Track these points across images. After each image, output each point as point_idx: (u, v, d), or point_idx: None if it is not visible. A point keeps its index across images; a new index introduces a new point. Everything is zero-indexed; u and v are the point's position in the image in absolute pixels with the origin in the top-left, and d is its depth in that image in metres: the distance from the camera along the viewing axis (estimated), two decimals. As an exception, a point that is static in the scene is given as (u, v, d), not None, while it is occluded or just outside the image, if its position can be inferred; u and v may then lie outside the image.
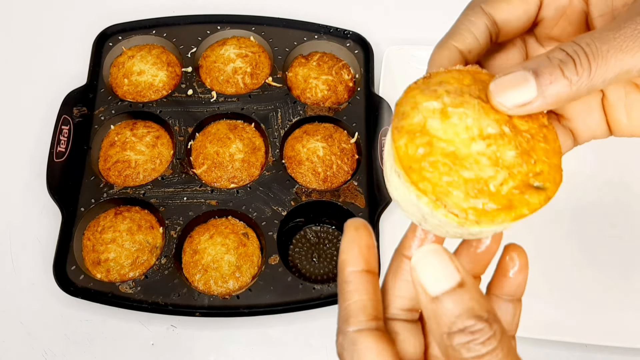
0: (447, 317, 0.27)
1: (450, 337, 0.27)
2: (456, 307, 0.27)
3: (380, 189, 0.72)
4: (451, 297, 0.27)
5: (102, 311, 0.67)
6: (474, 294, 0.27)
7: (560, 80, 0.29)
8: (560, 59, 0.29)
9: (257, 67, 0.81)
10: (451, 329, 0.27)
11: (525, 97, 0.30)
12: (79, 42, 0.86)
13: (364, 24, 0.86)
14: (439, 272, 0.28)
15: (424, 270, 0.28)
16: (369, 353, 0.30)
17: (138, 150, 0.74)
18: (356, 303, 0.31)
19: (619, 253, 0.71)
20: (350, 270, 0.32)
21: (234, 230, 0.70)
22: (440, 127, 0.30)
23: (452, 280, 0.28)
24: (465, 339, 0.26)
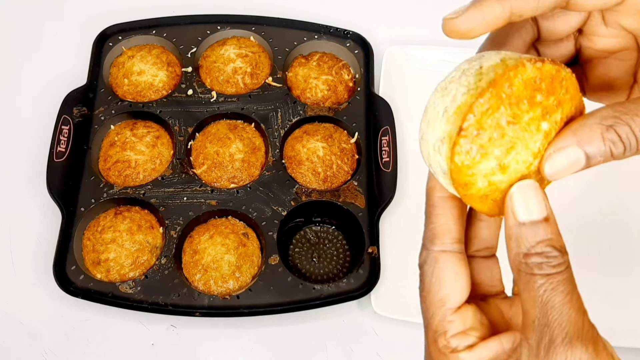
0: (528, 241, 0.31)
1: (527, 257, 0.31)
2: (538, 235, 0.31)
3: (380, 189, 0.72)
4: (536, 225, 0.31)
5: (102, 311, 0.67)
6: (555, 229, 0.32)
7: (608, 158, 0.32)
8: (612, 142, 0.31)
9: (257, 67, 0.81)
10: (529, 250, 0.31)
11: (573, 171, 0.33)
12: (79, 42, 0.86)
13: (364, 23, 0.86)
14: (531, 203, 0.32)
15: (519, 199, 0.32)
16: (447, 272, 0.34)
17: (138, 150, 0.74)
18: (442, 226, 0.35)
19: (619, 253, 0.71)
20: (438, 196, 0.35)
21: (234, 230, 0.70)
22: (503, 178, 0.33)
23: (541, 214, 0.32)
24: (539, 260, 0.31)
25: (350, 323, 0.69)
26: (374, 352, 0.67)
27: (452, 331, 0.34)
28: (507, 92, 0.30)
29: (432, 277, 0.35)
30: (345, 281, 0.67)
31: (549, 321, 0.30)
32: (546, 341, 0.30)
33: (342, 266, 0.71)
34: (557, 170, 0.32)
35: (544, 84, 0.31)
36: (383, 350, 0.67)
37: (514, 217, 0.32)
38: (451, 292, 0.34)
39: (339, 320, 0.69)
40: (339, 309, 0.68)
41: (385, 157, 0.73)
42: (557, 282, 0.31)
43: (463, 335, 0.34)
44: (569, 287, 0.31)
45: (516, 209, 0.32)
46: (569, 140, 0.32)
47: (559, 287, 0.31)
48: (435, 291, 0.35)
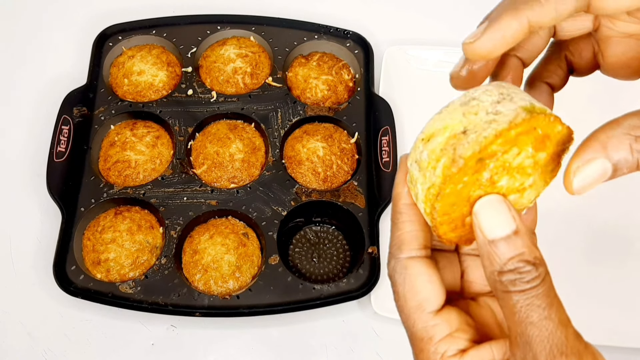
0: (500, 259, 0.31)
1: (500, 275, 0.31)
2: (509, 251, 0.30)
3: (380, 188, 0.72)
4: (506, 242, 0.31)
5: (102, 311, 0.67)
6: (526, 241, 0.31)
7: (633, 170, 0.31)
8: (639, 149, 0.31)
9: (257, 67, 0.81)
10: (502, 268, 0.30)
11: (599, 183, 0.32)
12: (79, 42, 0.86)
13: (364, 24, 0.86)
14: (498, 219, 0.31)
15: (485, 216, 0.31)
16: (420, 277, 0.34)
17: (138, 150, 0.74)
18: (409, 233, 0.35)
19: (619, 253, 0.71)
20: (403, 203, 0.35)
21: (234, 230, 0.70)
22: None
23: (509, 228, 0.31)
24: (513, 277, 0.30)
25: (350, 323, 0.69)
26: (374, 352, 0.67)
27: (438, 335, 0.33)
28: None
29: (404, 285, 0.34)
30: (345, 281, 0.67)
31: (529, 338, 0.30)
32: (530, 358, 0.30)
33: (342, 266, 0.71)
34: (585, 183, 0.31)
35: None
36: (383, 350, 0.67)
37: (482, 235, 0.31)
38: (428, 295, 0.34)
39: (339, 320, 0.69)
40: (339, 309, 0.68)
41: (385, 157, 0.73)
42: (532, 297, 0.30)
43: (450, 338, 0.33)
44: (546, 300, 0.30)
45: (483, 226, 0.31)
46: (597, 152, 0.31)
47: (535, 302, 0.30)
48: (410, 298, 0.34)
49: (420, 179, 0.33)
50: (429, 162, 0.32)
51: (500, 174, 0.32)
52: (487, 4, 1.00)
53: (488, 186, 0.32)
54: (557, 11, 0.31)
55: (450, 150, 0.31)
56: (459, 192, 0.32)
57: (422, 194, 0.33)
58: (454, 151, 0.31)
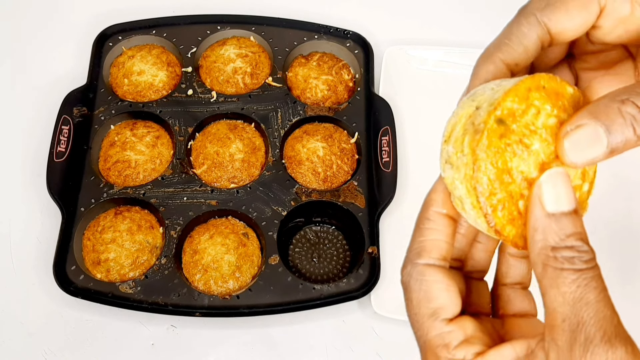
0: (558, 234, 0.29)
1: (555, 250, 0.29)
2: (568, 228, 0.29)
3: (380, 188, 0.72)
4: (566, 217, 0.30)
5: (102, 311, 0.67)
6: (583, 224, 0.30)
7: (630, 138, 0.30)
8: (632, 115, 0.29)
9: (257, 67, 0.81)
10: (559, 244, 0.29)
11: (597, 154, 0.30)
12: (79, 42, 0.86)
13: (364, 24, 0.86)
14: (561, 193, 0.30)
15: (549, 188, 0.30)
16: (437, 284, 0.32)
17: (138, 150, 0.74)
18: (432, 241, 0.33)
19: (619, 253, 0.71)
20: (434, 210, 0.34)
21: (234, 230, 0.70)
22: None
23: (570, 205, 0.30)
24: (570, 254, 0.29)
25: (350, 323, 0.69)
26: (374, 352, 0.67)
27: (454, 342, 0.31)
28: None
29: (420, 292, 0.33)
30: (345, 281, 0.67)
31: (583, 319, 0.28)
32: (582, 340, 0.28)
33: (342, 266, 0.71)
34: (578, 149, 0.30)
35: None
36: (383, 350, 0.67)
37: (542, 207, 0.30)
38: (444, 303, 0.32)
39: (339, 320, 0.69)
40: (339, 309, 0.68)
41: (385, 157, 0.73)
42: (590, 277, 0.29)
43: (467, 344, 0.31)
44: (601, 284, 0.29)
45: (545, 198, 0.30)
46: (585, 118, 0.30)
47: (591, 283, 0.29)
48: (425, 305, 0.32)
49: (455, 174, 0.31)
50: (456, 151, 0.31)
51: (529, 137, 0.30)
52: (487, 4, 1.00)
53: (523, 151, 0.30)
54: (523, 46, 0.33)
55: (470, 127, 0.31)
56: (495, 163, 0.30)
57: (463, 187, 0.31)
58: (473, 125, 0.31)
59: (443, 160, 0.33)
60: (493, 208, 0.30)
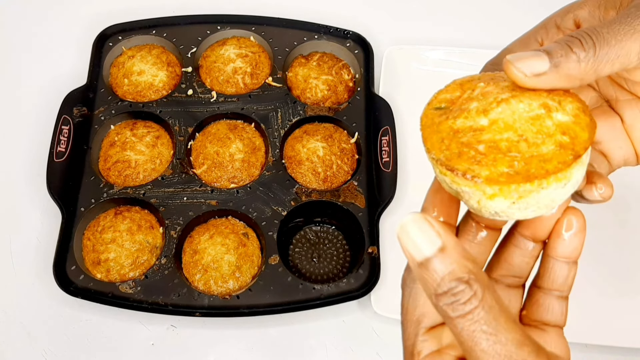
0: (433, 280, 0.29)
1: (437, 298, 0.28)
2: (439, 271, 0.28)
3: (380, 189, 0.72)
4: (434, 262, 0.29)
5: (102, 311, 0.67)
6: (455, 256, 0.29)
7: (569, 54, 0.31)
8: (567, 40, 0.32)
9: (257, 67, 0.81)
10: (437, 291, 0.28)
11: (540, 68, 0.31)
12: (79, 42, 0.86)
13: (364, 23, 0.86)
14: (420, 239, 0.29)
15: (408, 239, 0.29)
16: (423, 294, 0.33)
17: (138, 150, 0.74)
18: None
19: (619, 253, 0.71)
20: None
21: (234, 230, 0.70)
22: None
23: (433, 247, 0.29)
24: (449, 300, 0.28)
25: (350, 323, 0.69)
26: (374, 352, 0.67)
27: (425, 351, 0.32)
28: None
29: (409, 298, 0.34)
30: (345, 281, 0.67)
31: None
32: None
33: (342, 266, 0.71)
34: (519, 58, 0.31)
35: None
36: (383, 350, 0.67)
37: (412, 260, 0.30)
38: (427, 311, 0.33)
39: (339, 320, 0.69)
40: (339, 309, 0.68)
41: (385, 157, 0.73)
42: (475, 321, 0.28)
43: (437, 354, 0.32)
44: (492, 323, 0.28)
45: (409, 250, 0.30)
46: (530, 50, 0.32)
47: (479, 326, 0.28)
48: (411, 312, 0.33)
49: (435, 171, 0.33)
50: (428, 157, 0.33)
51: (467, 103, 0.33)
52: (486, 5, 1.00)
53: (463, 113, 0.32)
54: None
55: None
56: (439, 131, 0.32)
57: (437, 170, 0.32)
58: None
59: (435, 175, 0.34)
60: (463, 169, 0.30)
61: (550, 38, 0.38)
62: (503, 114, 0.31)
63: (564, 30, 0.38)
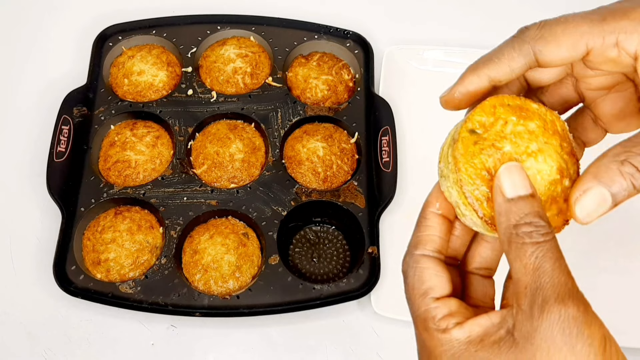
0: (517, 214, 0.34)
1: (517, 227, 0.34)
2: (526, 208, 0.34)
3: (380, 188, 0.72)
4: (524, 200, 0.34)
5: (102, 311, 0.67)
6: (540, 204, 0.35)
7: (631, 192, 0.35)
8: (631, 174, 0.34)
9: (257, 67, 0.81)
10: (519, 221, 0.34)
11: (603, 211, 0.36)
12: (79, 42, 0.86)
13: (364, 24, 0.86)
14: (517, 180, 0.35)
15: (505, 178, 0.35)
16: (428, 270, 0.37)
17: (138, 150, 0.74)
18: (427, 235, 0.39)
19: (619, 253, 0.71)
20: (430, 210, 0.39)
21: (234, 230, 0.70)
22: None
23: (526, 190, 0.35)
24: (529, 229, 0.34)
25: (350, 323, 0.69)
26: (374, 352, 0.67)
27: (439, 315, 0.36)
28: None
29: (414, 276, 0.38)
30: (345, 281, 0.67)
31: (541, 284, 0.33)
32: (539, 302, 0.32)
33: (342, 266, 0.71)
34: (588, 211, 0.35)
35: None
36: (383, 350, 0.67)
37: (502, 194, 0.35)
38: (433, 284, 0.37)
39: (339, 320, 0.69)
40: (339, 309, 0.68)
41: (385, 157, 0.73)
42: (546, 249, 0.33)
43: (450, 317, 0.36)
44: (557, 253, 0.33)
45: (504, 186, 0.35)
46: (590, 182, 0.35)
47: (548, 253, 0.33)
48: (418, 287, 0.37)
49: (447, 182, 0.38)
50: (445, 164, 0.38)
51: (500, 141, 0.37)
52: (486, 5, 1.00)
53: (495, 152, 0.37)
54: (510, 68, 0.37)
55: (451, 141, 0.38)
56: (472, 164, 0.36)
57: (454, 191, 0.37)
58: (452, 139, 0.37)
59: (439, 177, 0.39)
60: (479, 202, 0.36)
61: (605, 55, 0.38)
62: (530, 170, 0.37)
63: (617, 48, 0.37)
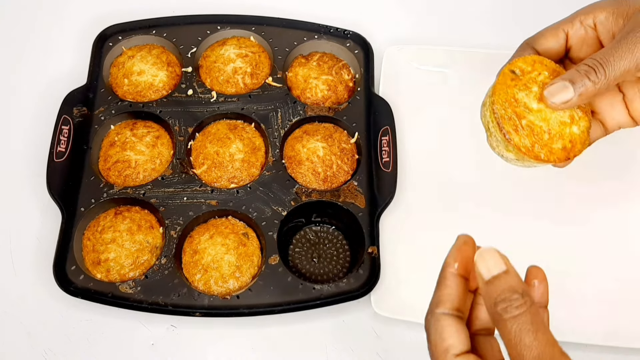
0: (495, 292, 0.39)
1: (496, 305, 0.39)
2: (501, 285, 0.39)
3: (380, 188, 0.72)
4: (499, 279, 0.40)
5: (102, 311, 0.67)
6: (514, 278, 0.40)
7: (587, 83, 0.49)
8: (585, 70, 0.49)
9: (257, 67, 0.81)
10: (496, 299, 0.39)
11: (567, 97, 0.50)
12: (79, 42, 0.86)
13: (364, 24, 0.86)
14: (491, 264, 0.40)
15: (481, 264, 0.41)
16: (448, 327, 0.41)
17: (138, 150, 0.74)
18: (448, 295, 0.43)
19: (619, 253, 0.71)
20: (450, 271, 0.43)
21: (234, 230, 0.70)
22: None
23: (500, 268, 0.40)
24: (505, 305, 0.38)
25: (350, 323, 0.69)
26: (374, 352, 0.67)
27: None
28: None
29: (435, 334, 0.42)
30: (345, 281, 0.67)
31: (524, 358, 0.37)
32: None
33: (342, 266, 0.71)
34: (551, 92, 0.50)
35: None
36: (383, 350, 0.67)
37: (481, 279, 0.40)
38: (453, 342, 0.41)
39: (339, 320, 0.69)
40: (339, 309, 0.68)
41: (385, 157, 0.73)
42: (522, 322, 0.38)
43: None
44: (535, 325, 0.38)
45: (481, 272, 0.40)
46: (558, 78, 0.50)
47: (525, 326, 0.37)
48: (440, 344, 0.41)
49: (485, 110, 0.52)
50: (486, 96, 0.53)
51: (531, 84, 0.51)
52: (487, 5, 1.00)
53: (526, 89, 0.51)
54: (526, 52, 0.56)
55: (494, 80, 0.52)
56: (506, 92, 0.50)
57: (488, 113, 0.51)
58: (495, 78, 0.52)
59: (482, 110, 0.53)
60: (503, 119, 0.50)
61: (574, 31, 0.54)
62: (547, 109, 0.51)
63: (585, 26, 0.53)
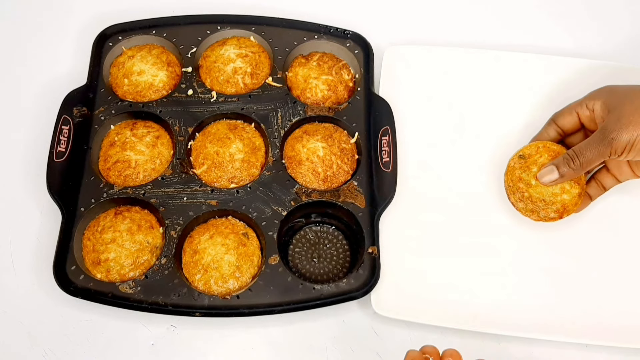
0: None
1: None
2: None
3: (380, 188, 0.72)
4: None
5: (102, 311, 0.67)
6: None
7: (567, 169, 0.66)
8: (566, 158, 0.66)
9: (257, 67, 0.81)
10: None
11: (553, 178, 0.67)
12: (79, 42, 0.86)
13: (364, 24, 0.86)
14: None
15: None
16: None
17: (138, 150, 0.74)
18: None
19: (619, 253, 0.71)
20: None
21: (234, 230, 0.70)
22: None
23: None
24: None
25: (350, 323, 0.69)
26: (374, 352, 0.67)
27: None
28: None
29: None
30: (345, 281, 0.67)
31: None
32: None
33: (342, 266, 0.71)
34: (542, 175, 0.67)
35: None
36: (383, 350, 0.67)
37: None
38: None
39: (339, 320, 0.69)
40: (339, 309, 0.68)
41: (385, 157, 0.73)
42: None
43: None
44: None
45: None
46: (549, 164, 0.68)
47: None
48: None
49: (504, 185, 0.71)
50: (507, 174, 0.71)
51: (532, 166, 0.69)
52: (486, 5, 1.00)
53: (528, 171, 0.69)
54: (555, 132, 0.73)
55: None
56: (514, 173, 0.69)
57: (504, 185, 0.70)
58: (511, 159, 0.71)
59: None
60: (512, 200, 0.69)
61: (582, 112, 0.68)
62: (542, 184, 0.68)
63: (589, 110, 0.67)
